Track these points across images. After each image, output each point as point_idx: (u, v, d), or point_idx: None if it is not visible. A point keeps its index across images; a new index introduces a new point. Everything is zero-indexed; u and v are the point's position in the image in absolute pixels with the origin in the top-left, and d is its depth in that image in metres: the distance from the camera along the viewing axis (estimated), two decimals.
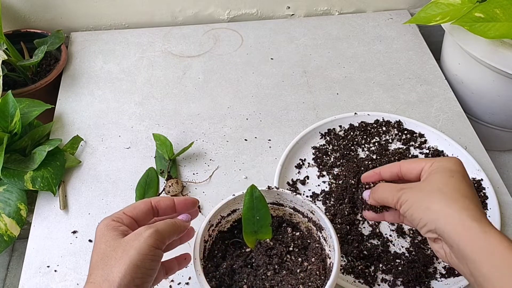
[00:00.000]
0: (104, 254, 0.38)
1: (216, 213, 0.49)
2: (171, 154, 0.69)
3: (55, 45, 0.85)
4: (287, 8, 0.98)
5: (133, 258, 0.37)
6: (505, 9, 0.70)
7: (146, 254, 0.38)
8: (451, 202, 0.40)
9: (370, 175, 0.50)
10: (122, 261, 0.37)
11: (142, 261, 0.38)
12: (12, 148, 0.67)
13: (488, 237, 0.37)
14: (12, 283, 0.86)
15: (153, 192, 0.65)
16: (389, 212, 0.49)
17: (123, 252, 0.38)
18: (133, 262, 0.37)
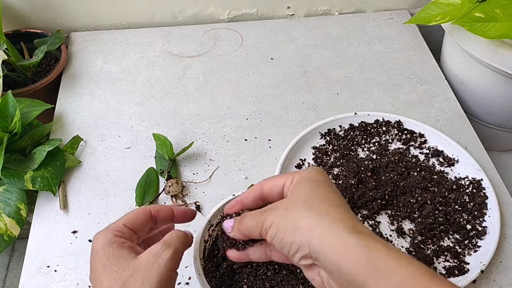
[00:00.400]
0: (122, 280, 0.35)
1: (216, 213, 0.49)
2: (171, 154, 0.69)
3: (55, 45, 0.85)
4: (287, 8, 0.98)
5: (157, 282, 0.35)
6: (505, 9, 0.70)
7: (168, 280, 0.36)
8: (322, 215, 0.33)
9: (232, 205, 0.41)
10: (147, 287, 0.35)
11: (166, 279, 0.36)
12: (12, 148, 0.67)
13: (373, 254, 0.31)
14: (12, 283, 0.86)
15: (153, 192, 0.65)
16: (253, 247, 0.40)
17: (143, 279, 0.35)
18: (157, 285, 0.35)
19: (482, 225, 0.62)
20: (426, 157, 0.70)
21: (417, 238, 0.61)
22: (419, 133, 0.73)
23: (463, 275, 0.56)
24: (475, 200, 0.64)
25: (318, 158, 0.70)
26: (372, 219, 0.63)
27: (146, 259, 0.36)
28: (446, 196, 0.64)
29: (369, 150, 0.71)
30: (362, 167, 0.66)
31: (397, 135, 0.73)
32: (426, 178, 0.66)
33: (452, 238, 0.61)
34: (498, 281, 0.58)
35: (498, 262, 0.59)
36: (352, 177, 0.65)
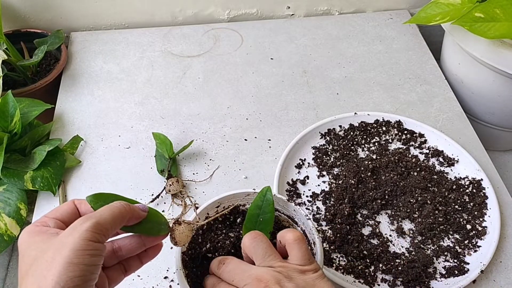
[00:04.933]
0: (34, 260, 0.33)
1: (212, 205, 0.49)
2: (171, 153, 0.69)
3: (55, 45, 0.85)
4: (287, 8, 0.98)
5: (68, 256, 0.32)
6: (505, 9, 0.70)
7: (84, 249, 0.32)
8: None
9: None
10: (55, 262, 0.32)
11: (79, 257, 0.32)
12: (12, 148, 0.67)
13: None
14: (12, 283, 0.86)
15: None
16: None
17: (55, 252, 0.32)
18: (68, 261, 0.32)
19: (482, 225, 0.62)
20: (426, 157, 0.70)
21: (417, 238, 0.61)
22: (419, 133, 0.73)
23: (463, 275, 0.57)
24: (475, 200, 0.64)
25: (318, 158, 0.70)
26: (372, 219, 0.63)
27: (63, 234, 0.34)
28: (446, 196, 0.64)
29: (369, 150, 0.71)
30: (362, 167, 0.66)
31: (397, 135, 0.73)
32: (426, 178, 0.66)
33: (452, 238, 0.61)
34: (498, 281, 0.58)
35: (498, 262, 0.59)
36: (352, 177, 0.65)
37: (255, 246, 0.40)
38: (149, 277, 0.57)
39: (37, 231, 0.35)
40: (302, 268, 0.39)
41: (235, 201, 0.52)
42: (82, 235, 0.33)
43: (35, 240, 0.35)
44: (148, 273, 0.57)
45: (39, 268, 0.32)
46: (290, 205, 0.50)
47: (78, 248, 0.32)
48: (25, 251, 0.34)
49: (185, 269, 0.44)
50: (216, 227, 0.51)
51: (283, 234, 0.42)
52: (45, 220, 0.37)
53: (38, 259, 0.33)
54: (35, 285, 0.31)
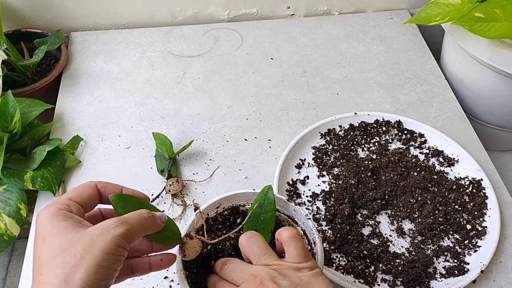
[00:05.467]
0: (60, 250, 0.32)
1: (198, 219, 0.49)
2: (171, 153, 0.69)
3: (55, 45, 0.85)
4: (287, 8, 0.98)
5: (99, 258, 0.32)
6: (505, 9, 0.70)
7: (113, 254, 0.33)
8: None
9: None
10: (86, 261, 0.32)
11: (109, 261, 0.33)
12: (12, 148, 0.67)
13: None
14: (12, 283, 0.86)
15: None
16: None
17: (85, 249, 0.32)
18: (98, 263, 0.32)
19: (482, 225, 0.62)
20: (426, 157, 0.70)
21: (417, 238, 0.61)
22: (419, 133, 0.73)
23: (463, 275, 0.57)
24: (475, 200, 0.64)
25: (318, 158, 0.70)
26: (372, 219, 0.63)
27: (93, 231, 0.34)
28: (446, 196, 0.64)
29: (369, 150, 0.71)
30: (362, 167, 0.66)
31: (397, 135, 0.73)
32: (426, 178, 0.66)
33: (452, 238, 0.61)
34: (498, 281, 0.58)
35: (498, 262, 0.59)
36: (352, 177, 0.65)
37: (251, 246, 0.41)
38: (149, 277, 0.57)
39: (62, 216, 0.35)
40: (297, 265, 0.39)
41: (234, 201, 0.52)
42: (114, 239, 0.33)
43: (60, 225, 0.34)
44: (148, 273, 0.57)
45: (66, 261, 0.32)
46: (290, 205, 0.50)
47: (109, 252, 0.33)
48: (46, 234, 0.34)
49: (185, 270, 0.44)
50: (216, 228, 0.51)
51: (280, 232, 0.42)
52: (69, 204, 0.36)
53: (66, 251, 0.32)
54: (61, 278, 0.31)
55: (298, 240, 0.41)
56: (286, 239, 0.41)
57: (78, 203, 0.37)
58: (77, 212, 0.36)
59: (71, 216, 0.35)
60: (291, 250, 0.40)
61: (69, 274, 0.31)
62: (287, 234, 0.41)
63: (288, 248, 0.41)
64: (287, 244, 0.41)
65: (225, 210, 0.52)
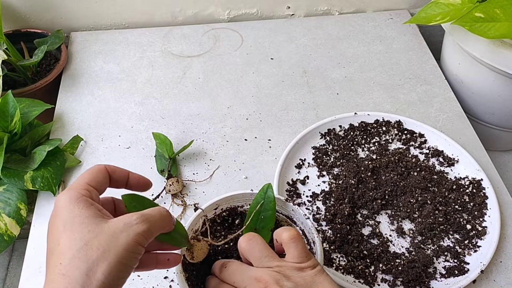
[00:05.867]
0: (82, 241, 0.32)
1: (197, 219, 0.49)
2: (171, 153, 0.69)
3: (55, 45, 0.85)
4: (287, 8, 0.98)
5: (121, 255, 0.32)
6: (505, 9, 0.70)
7: (134, 252, 0.33)
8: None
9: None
10: (108, 256, 0.31)
11: (129, 259, 0.33)
12: (12, 148, 0.67)
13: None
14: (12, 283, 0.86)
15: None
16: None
17: (108, 243, 0.32)
18: (120, 260, 0.32)
19: (482, 225, 0.62)
20: (426, 157, 0.70)
21: (417, 238, 0.61)
22: (419, 133, 0.73)
23: (463, 275, 0.57)
24: (475, 200, 0.64)
25: (318, 158, 0.70)
26: (372, 219, 0.63)
27: (116, 225, 0.33)
28: (446, 196, 0.64)
29: (369, 150, 0.71)
30: (362, 167, 0.66)
31: (397, 135, 0.73)
32: (426, 178, 0.66)
33: (452, 238, 0.61)
34: (498, 281, 0.58)
35: (498, 262, 0.59)
36: (352, 177, 0.65)
37: (251, 248, 0.41)
38: (149, 277, 0.57)
39: (83, 202, 0.34)
40: (299, 265, 0.39)
41: (233, 202, 0.52)
42: (136, 237, 0.33)
43: (81, 213, 0.33)
44: (148, 273, 0.57)
45: (89, 254, 0.31)
46: (289, 205, 0.50)
47: (131, 250, 0.32)
48: (67, 221, 0.33)
49: (185, 272, 0.44)
50: (215, 229, 0.51)
51: (279, 233, 0.42)
52: (89, 190, 0.35)
53: (89, 243, 0.32)
54: (83, 271, 0.31)
55: (298, 240, 0.41)
56: (286, 240, 0.41)
57: (96, 189, 0.36)
58: (96, 199, 0.36)
59: (92, 203, 0.34)
60: (291, 251, 0.40)
61: (91, 268, 0.31)
62: (287, 235, 0.41)
63: (288, 249, 0.40)
64: (288, 245, 0.40)
65: (224, 211, 0.52)
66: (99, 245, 0.32)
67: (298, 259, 0.39)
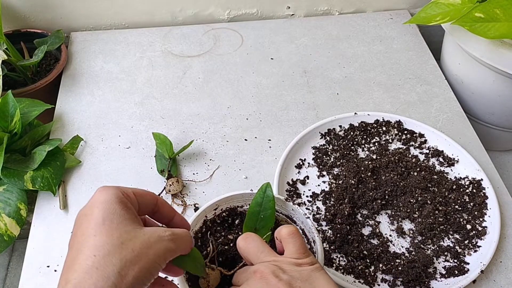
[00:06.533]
0: (119, 240, 0.32)
1: (197, 220, 0.49)
2: (171, 153, 0.69)
3: (55, 45, 0.85)
4: (287, 8, 0.98)
5: (151, 263, 0.33)
6: (505, 9, 0.70)
7: (159, 264, 0.34)
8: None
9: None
10: (141, 261, 0.32)
11: (155, 269, 0.33)
12: (12, 148, 0.67)
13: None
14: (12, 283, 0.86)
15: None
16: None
17: (142, 249, 0.32)
18: (148, 268, 0.32)
19: (482, 225, 0.62)
20: (426, 157, 0.70)
21: (417, 238, 0.61)
22: (419, 133, 0.73)
23: (463, 275, 0.57)
24: (475, 200, 0.64)
25: (318, 158, 0.70)
26: (372, 219, 0.63)
27: (150, 234, 0.34)
28: (446, 196, 0.64)
29: (369, 150, 0.71)
30: (362, 167, 0.66)
31: (397, 135, 0.73)
32: (426, 178, 0.66)
33: (452, 238, 0.61)
34: (498, 281, 0.58)
35: (498, 262, 0.59)
36: (352, 177, 0.65)
37: (248, 245, 0.41)
38: None
39: (123, 204, 0.35)
40: (297, 261, 0.39)
41: (232, 202, 0.52)
42: (165, 252, 0.34)
43: (121, 213, 0.34)
44: None
45: (124, 254, 0.32)
46: (288, 205, 0.50)
47: (157, 261, 0.33)
48: (106, 217, 0.33)
49: (185, 273, 0.44)
50: (215, 230, 0.51)
51: (278, 230, 0.42)
52: (131, 198, 0.36)
53: (124, 244, 0.32)
54: (116, 269, 0.31)
55: (296, 236, 0.41)
56: (285, 235, 0.41)
57: (138, 202, 0.37)
58: (135, 205, 0.36)
59: (130, 208, 0.35)
60: (290, 247, 0.40)
61: (124, 268, 0.31)
62: (286, 231, 0.41)
63: (287, 244, 0.41)
64: (286, 241, 0.41)
65: (223, 211, 0.52)
66: (134, 248, 0.32)
67: (295, 255, 0.40)
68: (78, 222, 0.35)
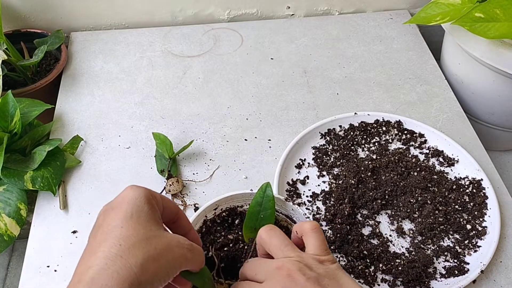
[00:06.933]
0: (145, 235, 0.33)
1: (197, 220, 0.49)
2: (171, 153, 0.69)
3: (55, 45, 0.85)
4: (287, 8, 0.98)
5: (168, 265, 0.33)
6: (505, 9, 0.70)
7: (175, 269, 0.34)
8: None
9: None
10: (161, 260, 0.33)
11: (170, 272, 0.34)
12: (12, 148, 0.67)
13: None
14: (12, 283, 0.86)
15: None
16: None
17: (163, 249, 0.33)
18: (165, 268, 0.33)
19: (482, 225, 0.62)
20: (426, 157, 0.70)
21: (417, 238, 0.61)
22: (419, 133, 0.73)
23: (463, 275, 0.57)
24: (475, 200, 0.64)
25: (318, 158, 0.70)
26: (372, 219, 0.63)
27: (172, 239, 0.35)
28: (446, 196, 0.64)
29: (369, 150, 0.71)
30: (362, 167, 0.66)
31: (397, 135, 0.73)
32: (426, 178, 0.66)
33: (452, 238, 0.61)
34: (498, 281, 0.58)
35: (498, 262, 0.59)
36: (352, 177, 0.65)
37: (271, 237, 0.40)
38: None
39: (152, 205, 0.36)
40: (319, 258, 0.39)
41: (232, 202, 0.52)
42: (181, 259, 0.35)
43: (148, 212, 0.35)
44: None
45: (147, 249, 0.33)
46: (288, 205, 0.50)
47: (173, 266, 0.34)
48: (135, 212, 0.34)
49: None
50: (215, 230, 0.51)
51: (300, 224, 0.42)
52: (158, 202, 0.37)
53: (149, 240, 0.33)
54: (138, 262, 0.32)
55: (319, 231, 0.40)
56: (307, 230, 0.40)
57: (164, 206, 0.38)
58: (160, 209, 0.37)
59: (156, 210, 0.36)
60: (312, 242, 0.40)
61: (146, 262, 0.32)
62: (309, 226, 0.40)
63: (309, 239, 0.40)
64: (309, 235, 0.40)
65: (223, 211, 0.52)
66: (157, 246, 0.33)
67: (318, 251, 0.39)
68: (104, 215, 0.35)
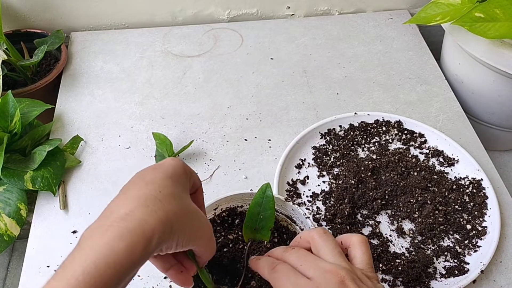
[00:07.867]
0: (180, 195, 0.36)
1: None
2: (171, 153, 0.69)
3: (55, 45, 0.85)
4: (287, 8, 0.98)
5: (193, 230, 0.36)
6: (505, 9, 0.70)
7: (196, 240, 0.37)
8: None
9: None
10: (184, 220, 0.35)
11: (191, 240, 0.36)
12: (12, 148, 0.67)
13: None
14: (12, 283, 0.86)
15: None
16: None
17: (189, 212, 0.36)
18: (189, 231, 0.35)
19: (482, 225, 0.62)
20: (426, 157, 0.70)
21: (417, 238, 0.61)
22: (419, 133, 0.73)
23: (463, 275, 0.57)
24: (475, 200, 0.64)
25: (318, 158, 0.70)
26: (372, 219, 0.63)
27: (196, 208, 0.38)
28: (446, 196, 0.64)
29: (369, 150, 0.71)
30: (362, 167, 0.66)
31: (397, 135, 0.73)
32: (426, 178, 0.66)
33: (452, 238, 0.61)
34: (498, 281, 0.58)
35: (498, 262, 0.59)
36: (352, 177, 0.65)
37: (325, 241, 0.40)
38: (149, 277, 0.57)
39: (186, 176, 0.38)
40: (367, 274, 0.38)
41: (232, 202, 0.52)
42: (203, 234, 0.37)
43: (183, 181, 0.37)
44: (148, 273, 0.57)
45: (181, 205, 0.35)
46: (288, 205, 0.50)
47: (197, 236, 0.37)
48: (173, 177, 0.36)
49: None
50: (214, 230, 0.51)
51: (347, 235, 0.41)
52: (191, 177, 0.39)
53: (181, 200, 0.36)
54: (174, 209, 0.34)
55: (367, 246, 0.40)
56: (356, 242, 0.40)
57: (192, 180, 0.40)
58: (190, 183, 0.39)
59: (188, 182, 0.39)
60: (360, 255, 0.39)
61: (179, 213, 0.34)
62: (358, 238, 0.40)
63: (357, 251, 0.40)
64: (357, 247, 0.40)
65: (223, 211, 0.52)
66: (189, 208, 0.36)
67: (365, 266, 0.39)
68: (141, 172, 0.37)
